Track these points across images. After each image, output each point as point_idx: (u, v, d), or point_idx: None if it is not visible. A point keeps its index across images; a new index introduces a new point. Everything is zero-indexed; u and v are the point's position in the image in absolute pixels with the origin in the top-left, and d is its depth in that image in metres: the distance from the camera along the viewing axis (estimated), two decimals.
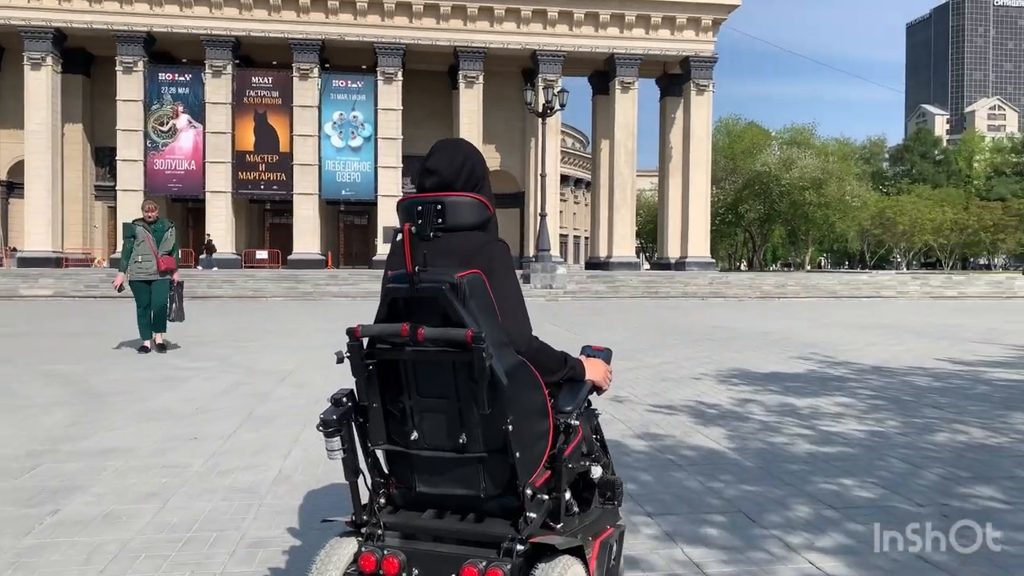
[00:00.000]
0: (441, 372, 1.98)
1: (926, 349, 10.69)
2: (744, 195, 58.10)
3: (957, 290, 28.72)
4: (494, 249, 2.05)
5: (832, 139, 64.94)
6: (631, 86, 47.31)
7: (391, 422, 2.09)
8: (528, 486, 1.97)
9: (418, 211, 2.03)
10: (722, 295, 26.46)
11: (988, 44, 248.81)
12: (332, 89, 45.93)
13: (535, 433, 2.02)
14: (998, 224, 61.93)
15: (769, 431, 5.33)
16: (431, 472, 2.08)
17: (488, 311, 1.95)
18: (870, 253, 75.30)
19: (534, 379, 2.03)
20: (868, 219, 61.56)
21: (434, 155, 2.16)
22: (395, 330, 1.94)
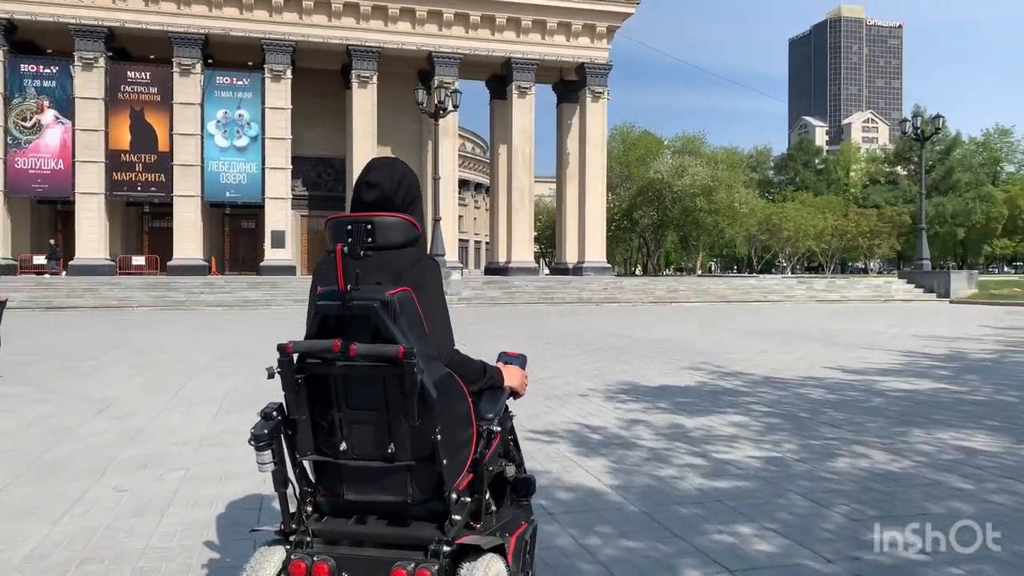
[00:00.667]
0: (371, 386, 2.03)
1: (816, 356, 10.50)
2: (638, 201, 59.06)
3: (840, 294, 29.64)
4: (425, 267, 2.13)
5: (721, 147, 67.06)
6: (528, 91, 47.17)
7: (320, 434, 2.13)
8: (453, 490, 2.04)
9: (348, 230, 2.07)
10: (617, 300, 26.31)
11: (862, 61, 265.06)
12: (216, 86, 43.64)
13: (461, 440, 2.10)
14: (874, 230, 65.22)
15: (657, 461, 4.71)
16: (359, 481, 2.13)
17: (417, 326, 2.01)
18: (757, 258, 78.05)
19: (460, 390, 2.10)
20: (755, 225, 63.65)
21: (373, 171, 2.23)
22: (326, 346, 1.98)
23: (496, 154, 52.18)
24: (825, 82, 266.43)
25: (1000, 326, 16.55)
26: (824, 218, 65.30)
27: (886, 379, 8.17)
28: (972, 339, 13.20)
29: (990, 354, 10.86)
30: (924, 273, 30.91)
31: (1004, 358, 10.36)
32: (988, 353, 10.94)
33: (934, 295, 29.34)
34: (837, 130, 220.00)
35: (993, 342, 12.67)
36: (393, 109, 47.79)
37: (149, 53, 42.06)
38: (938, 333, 14.44)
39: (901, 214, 65.77)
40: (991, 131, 77.91)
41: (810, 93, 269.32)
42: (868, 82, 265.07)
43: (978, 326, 16.45)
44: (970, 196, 66.22)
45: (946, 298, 28.65)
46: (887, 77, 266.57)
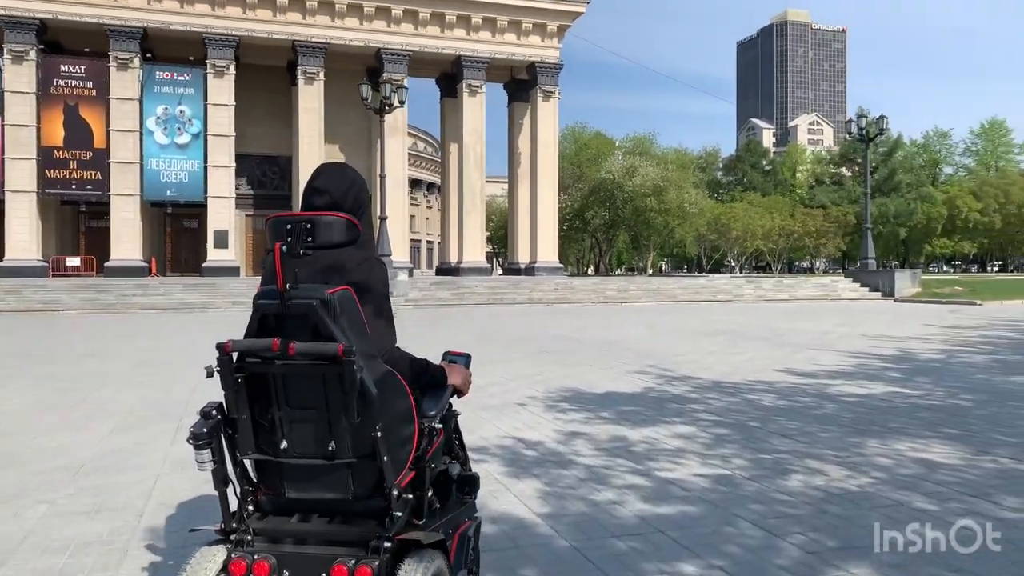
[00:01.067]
0: (311, 384, 2.01)
1: (766, 358, 10.22)
2: (590, 201, 59.09)
3: (788, 293, 29.79)
4: (370, 266, 2.18)
5: (671, 148, 67.49)
6: (479, 89, 46.77)
7: (260, 432, 2.12)
8: (394, 487, 2.03)
9: (287, 229, 2.08)
10: (568, 301, 25.96)
11: (808, 64, 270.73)
12: (156, 81, 42.26)
13: (402, 438, 2.10)
14: (820, 230, 66.35)
15: (595, 482, 4.26)
16: (300, 479, 2.12)
17: (357, 325, 2.02)
18: (707, 258, 78.81)
19: (401, 387, 2.11)
20: (705, 225, 64.19)
21: (321, 176, 2.28)
22: (266, 345, 1.97)
23: (447, 153, 51.64)
24: (772, 85, 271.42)
25: (944, 325, 16.60)
26: (772, 218, 66.17)
27: (837, 383, 7.88)
28: (919, 339, 13.12)
29: (938, 354, 10.72)
30: (869, 272, 31.29)
31: (952, 358, 10.22)
32: (936, 353, 10.80)
33: (879, 294, 29.67)
34: (784, 132, 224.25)
35: (940, 341, 12.59)
36: (341, 107, 47.02)
37: (84, 46, 40.49)
38: (885, 333, 14.36)
39: (846, 214, 67.00)
40: (930, 133, 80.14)
41: (758, 95, 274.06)
42: (813, 85, 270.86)
43: (923, 325, 16.47)
44: (911, 197, 67.83)
45: (891, 297, 28.99)
46: (831, 80, 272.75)
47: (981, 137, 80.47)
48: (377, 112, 29.05)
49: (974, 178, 74.54)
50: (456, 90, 47.58)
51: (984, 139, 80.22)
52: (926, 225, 67.63)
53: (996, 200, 65.32)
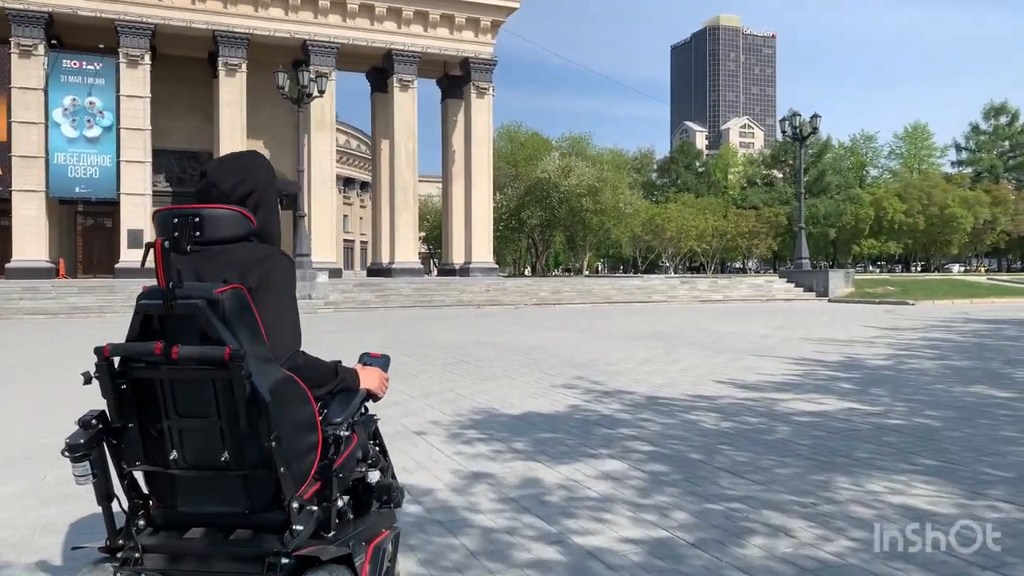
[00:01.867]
0: (201, 391, 1.90)
1: (705, 367, 9.31)
2: (526, 201, 58.32)
3: (723, 294, 29.33)
4: (273, 262, 2.04)
5: (606, 148, 67.22)
6: (410, 84, 45.53)
7: (148, 442, 1.99)
8: (295, 499, 1.91)
9: (174, 223, 1.98)
10: (499, 303, 24.86)
11: (739, 69, 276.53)
12: (63, 70, 39.69)
13: (303, 447, 1.98)
14: (752, 230, 66.95)
15: (490, 558, 3.15)
16: (193, 491, 2.01)
17: (251, 327, 1.90)
18: (641, 258, 78.92)
19: (301, 393, 1.99)
20: (640, 226, 64.09)
21: (213, 166, 2.17)
22: (148, 349, 1.86)
23: (378, 150, 50.24)
24: (705, 88, 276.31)
25: (884, 326, 16.10)
26: (705, 219, 66.50)
27: (786, 397, 6.97)
28: (863, 342, 12.47)
29: (886, 360, 9.99)
30: (803, 272, 31.11)
31: (902, 365, 9.48)
32: (884, 359, 10.07)
33: (813, 294, 29.47)
34: (716, 135, 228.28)
35: (884, 345, 11.94)
36: (267, 101, 45.31)
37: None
38: (826, 335, 13.71)
39: (778, 215, 67.78)
40: (857, 136, 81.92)
41: (691, 99, 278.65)
42: (745, 89, 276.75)
43: (863, 327, 15.94)
44: (840, 198, 69.03)
45: (825, 297, 28.81)
46: (762, 84, 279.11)
47: (905, 141, 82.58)
48: (295, 102, 27.53)
49: (899, 180, 76.43)
50: (387, 85, 46.28)
51: (907, 142, 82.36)
52: (854, 226, 68.86)
53: (920, 202, 66.85)
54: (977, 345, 12.06)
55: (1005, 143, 78.40)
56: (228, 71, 42.82)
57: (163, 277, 1.81)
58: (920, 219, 66.97)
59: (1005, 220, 68.46)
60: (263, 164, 2.22)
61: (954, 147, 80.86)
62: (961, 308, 23.92)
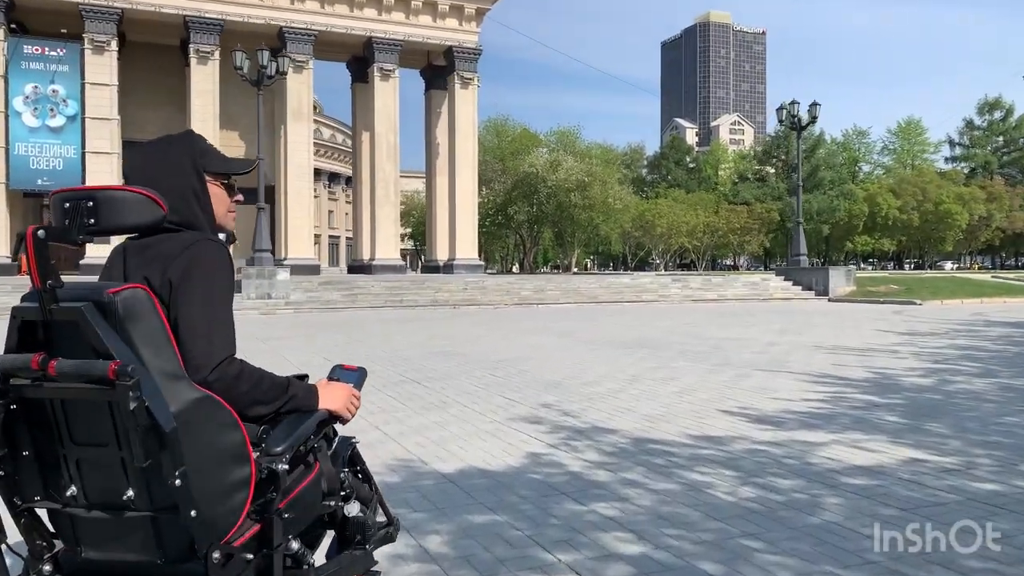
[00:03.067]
0: (97, 414, 1.60)
1: (706, 389, 7.58)
2: (513, 196, 56.63)
3: (716, 292, 27.65)
4: (197, 252, 1.75)
5: (595, 143, 65.52)
6: (391, 74, 43.83)
7: (46, 473, 1.72)
8: (216, 548, 1.62)
9: (65, 208, 1.69)
10: (476, 302, 23.07)
11: (729, 65, 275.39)
12: (23, 56, 37.74)
13: (226, 484, 1.66)
14: (745, 226, 65.52)
15: None
16: (98, 534, 1.70)
17: (155, 335, 1.62)
18: (631, 255, 77.42)
19: (223, 418, 1.67)
20: (629, 222, 62.58)
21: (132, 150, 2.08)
22: (24, 362, 1.59)
23: (359, 143, 48.53)
24: (695, 85, 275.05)
25: (899, 331, 14.44)
26: (696, 215, 65.08)
27: (821, 440, 5.20)
28: (884, 351, 10.80)
29: (923, 376, 8.30)
30: (802, 270, 29.44)
31: (947, 385, 7.77)
32: (920, 376, 8.38)
33: (812, 293, 27.83)
34: (706, 132, 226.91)
35: (912, 356, 10.25)
36: (242, 91, 43.37)
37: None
38: (840, 343, 12.03)
39: (770, 211, 66.39)
40: (850, 132, 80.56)
41: (681, 95, 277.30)
42: (735, 85, 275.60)
43: (876, 331, 14.30)
44: (834, 194, 67.64)
45: (825, 296, 27.17)
46: (752, 81, 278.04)
47: (898, 136, 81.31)
48: (255, 84, 25.68)
49: (893, 176, 75.12)
50: (368, 75, 44.60)
51: (901, 138, 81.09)
52: (848, 222, 67.52)
53: (915, 198, 65.56)
54: (1020, 355, 10.40)
55: (999, 139, 77.24)
56: (200, 59, 41.09)
57: (37, 275, 1.54)
58: (914, 215, 65.72)
59: (1000, 217, 67.27)
60: (184, 142, 1.91)
61: (947, 143, 79.74)
62: (973, 309, 22.32)
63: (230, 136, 44.16)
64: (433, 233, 48.22)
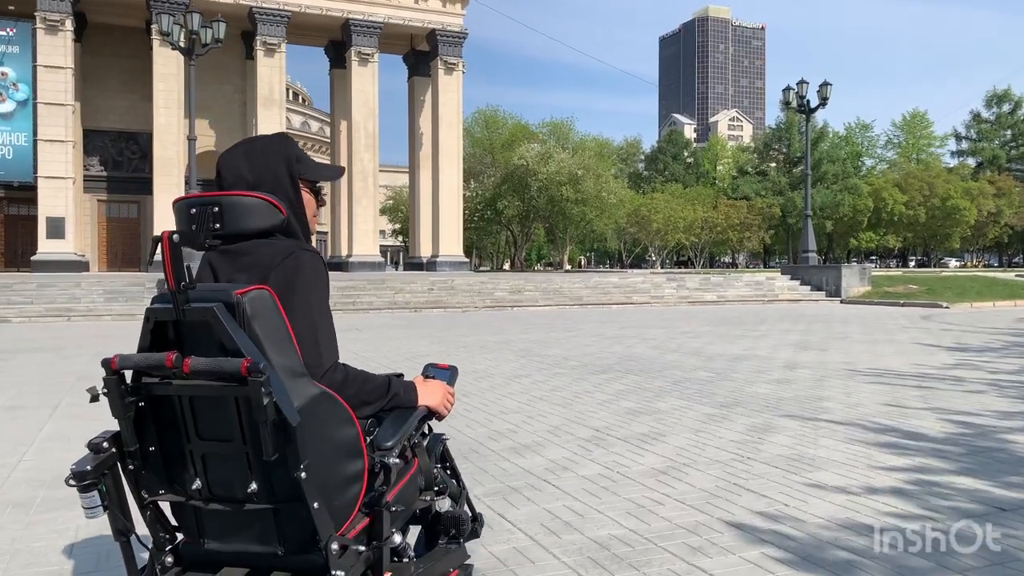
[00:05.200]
0: (222, 410, 1.66)
1: (706, 466, 4.81)
2: (503, 190, 53.95)
3: (716, 293, 24.88)
4: (299, 260, 1.78)
5: (590, 135, 62.72)
6: (370, 58, 41.22)
7: (172, 468, 1.76)
8: (334, 539, 1.64)
9: (191, 214, 1.79)
10: (442, 305, 20.24)
11: (728, 61, 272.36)
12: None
13: (342, 478, 1.72)
14: (744, 222, 62.95)
15: None
16: (220, 526, 1.76)
17: (278, 335, 1.66)
18: (626, 252, 74.80)
19: (341, 414, 1.72)
20: (624, 217, 59.92)
21: (224, 155, 1.92)
22: (158, 360, 1.63)
23: (336, 132, 46.07)
24: (693, 80, 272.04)
25: (945, 344, 11.69)
26: (694, 210, 62.46)
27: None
28: (945, 379, 8.07)
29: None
30: (811, 268, 26.65)
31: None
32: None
33: (823, 293, 25.06)
34: (704, 128, 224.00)
35: (988, 387, 7.49)
36: (212, 76, 41.56)
37: None
38: (881, 364, 9.31)
39: (771, 206, 63.73)
40: (852, 126, 77.82)
41: (679, 91, 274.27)
42: (734, 81, 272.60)
43: (916, 344, 11.58)
44: (837, 188, 64.96)
45: (836, 297, 24.41)
46: (751, 77, 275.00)
47: (903, 129, 78.67)
48: (185, 53, 22.95)
49: (899, 170, 72.45)
50: (345, 59, 42.05)
51: (906, 131, 78.45)
52: (852, 218, 64.85)
53: (921, 193, 62.99)
54: None
55: (1007, 132, 74.53)
56: (163, 40, 38.26)
57: (172, 277, 1.60)
58: (921, 211, 63.10)
59: (1010, 213, 64.66)
60: (279, 145, 1.92)
61: (954, 136, 77.01)
62: (1010, 313, 19.55)
63: (198, 124, 41.49)
64: (417, 229, 45.89)
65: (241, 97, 43.31)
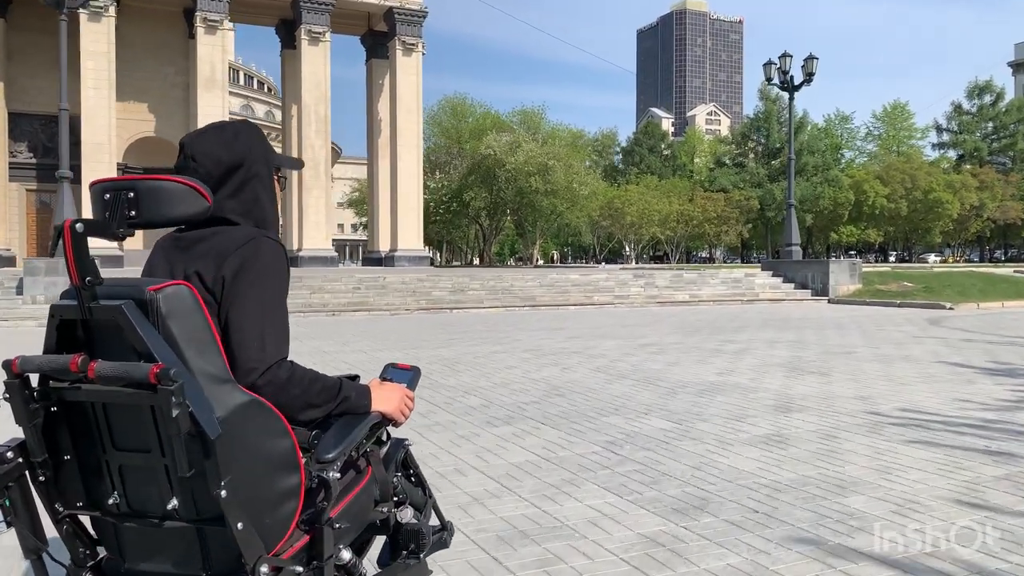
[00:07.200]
0: (139, 418, 1.53)
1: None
2: (470, 181, 51.24)
3: (689, 291, 22.19)
4: (257, 247, 1.67)
5: (562, 125, 60.07)
6: (321, 37, 38.46)
7: (88, 480, 1.65)
8: (264, 561, 1.52)
9: (105, 200, 1.61)
10: (368, 307, 17.28)
11: (706, 54, 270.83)
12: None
13: (274, 494, 1.58)
14: (721, 215, 60.71)
15: None
16: (140, 545, 1.64)
17: (199, 336, 1.54)
18: (600, 246, 72.35)
19: (272, 424, 1.58)
20: (597, 210, 57.39)
21: (191, 138, 1.81)
22: (63, 363, 1.51)
23: (287, 117, 43.20)
24: (671, 74, 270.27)
25: (974, 363, 9.02)
26: (669, 202, 60.06)
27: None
28: (1010, 429, 5.39)
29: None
30: (794, 263, 23.99)
31: None
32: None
33: (808, 292, 22.41)
34: (682, 122, 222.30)
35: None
36: (152, 56, 38.94)
37: None
38: (907, 397, 6.62)
39: (749, 198, 61.47)
40: (832, 117, 75.80)
41: (657, 85, 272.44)
42: (712, 75, 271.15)
43: (941, 363, 8.92)
44: (818, 180, 62.78)
45: (824, 296, 21.79)
46: (729, 71, 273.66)
47: (883, 121, 76.72)
48: (55, 6, 20.07)
49: (880, 162, 70.47)
50: (296, 39, 39.23)
51: (886, 123, 76.50)
52: (833, 211, 62.69)
53: (903, 185, 60.98)
54: None
55: (989, 124, 72.72)
56: (92, 15, 35.55)
57: (75, 271, 1.47)
58: (903, 204, 61.10)
59: (993, 206, 62.86)
60: (253, 133, 1.85)
61: (935, 128, 75.07)
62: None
63: (137, 108, 38.77)
64: (376, 221, 43.30)
65: (184, 80, 40.30)
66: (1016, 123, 70.29)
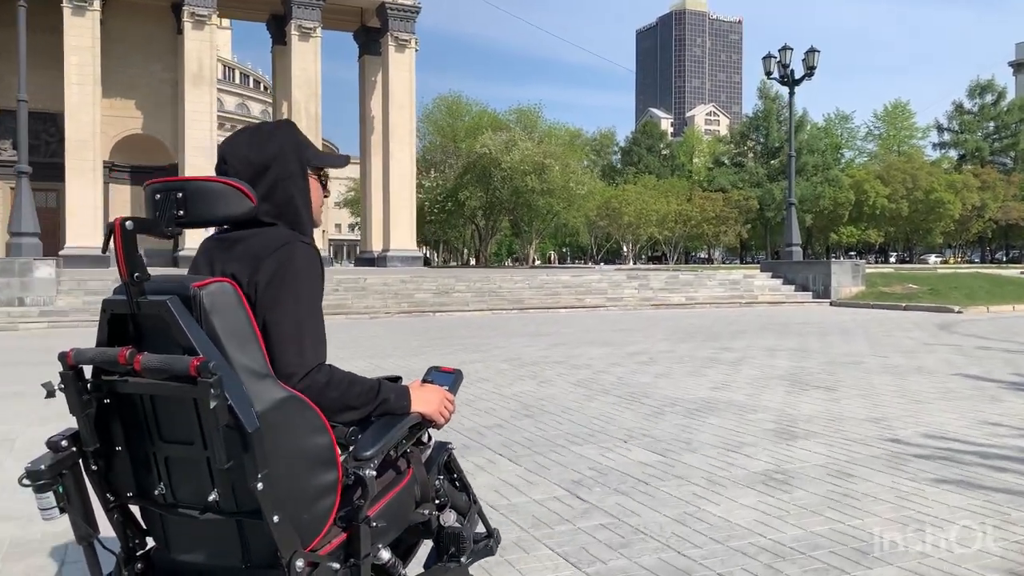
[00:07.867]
0: (183, 411, 1.56)
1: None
2: (466, 180, 50.48)
3: (685, 294, 21.35)
4: (292, 251, 1.69)
5: (560, 123, 59.32)
6: (312, 33, 37.89)
7: (138, 470, 1.68)
8: (299, 556, 1.53)
9: (155, 200, 1.65)
10: (345, 310, 16.40)
11: (705, 55, 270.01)
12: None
13: (311, 490, 1.60)
14: (720, 215, 59.90)
15: None
16: (184, 535, 1.67)
17: (240, 332, 1.57)
18: (597, 246, 71.54)
19: (311, 420, 1.60)
20: (594, 209, 56.58)
21: (228, 138, 1.85)
22: (112, 356, 1.55)
23: (279, 114, 42.40)
24: (670, 74, 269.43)
25: (1000, 376, 8.17)
26: (667, 202, 59.23)
27: None
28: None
29: None
30: (794, 264, 23.14)
31: None
32: None
33: (809, 294, 21.57)
34: (681, 122, 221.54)
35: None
36: (140, 53, 38.44)
37: None
38: (938, 425, 5.78)
39: (748, 198, 60.64)
40: (832, 117, 74.97)
41: (656, 85, 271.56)
42: (711, 75, 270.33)
43: (960, 375, 8.09)
44: (818, 180, 61.94)
45: (826, 298, 20.95)
46: (728, 71, 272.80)
47: (884, 121, 75.87)
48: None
49: (881, 162, 69.62)
50: (286, 34, 38.58)
51: (887, 123, 75.65)
52: (833, 211, 61.84)
53: (904, 185, 60.15)
54: None
55: (990, 124, 71.88)
56: (76, 9, 34.94)
57: (124, 267, 1.52)
58: (904, 204, 60.27)
59: (995, 207, 62.02)
60: (288, 133, 1.83)
61: (936, 128, 74.21)
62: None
63: (124, 105, 38.05)
64: (368, 220, 42.73)
65: (172, 76, 39.55)
66: (1018, 123, 69.48)
